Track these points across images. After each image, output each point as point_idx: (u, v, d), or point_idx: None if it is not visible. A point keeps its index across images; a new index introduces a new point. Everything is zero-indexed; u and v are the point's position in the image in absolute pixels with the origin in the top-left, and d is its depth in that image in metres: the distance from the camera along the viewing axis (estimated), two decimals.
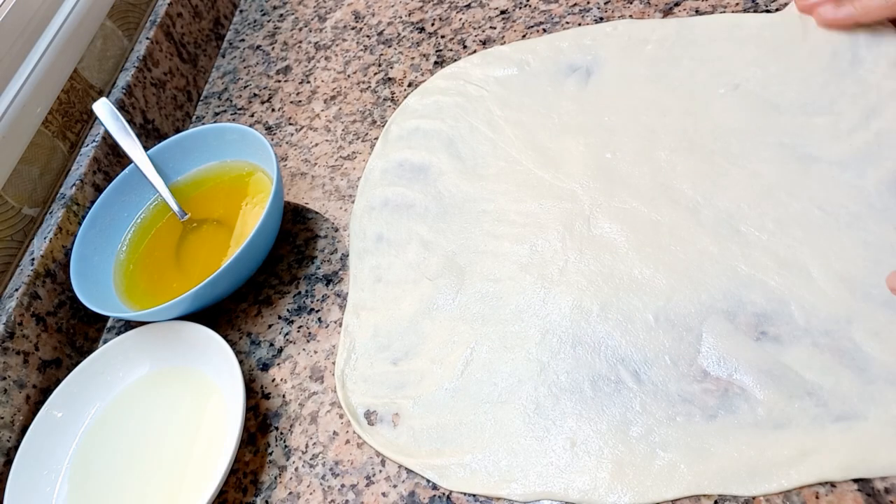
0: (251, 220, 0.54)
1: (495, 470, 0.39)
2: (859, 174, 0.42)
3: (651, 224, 0.45)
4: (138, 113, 0.65)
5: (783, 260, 0.40)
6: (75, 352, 0.53)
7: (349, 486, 0.41)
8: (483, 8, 0.65)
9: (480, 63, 0.60)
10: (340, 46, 0.70)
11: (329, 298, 0.51)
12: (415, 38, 0.66)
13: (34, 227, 0.56)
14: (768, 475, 0.34)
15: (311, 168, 0.60)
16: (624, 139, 0.50)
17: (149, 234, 0.57)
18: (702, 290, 0.41)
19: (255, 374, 0.48)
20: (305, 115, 0.65)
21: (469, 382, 0.42)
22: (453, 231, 0.50)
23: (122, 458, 0.46)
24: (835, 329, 0.37)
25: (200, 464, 0.43)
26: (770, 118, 0.47)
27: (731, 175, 0.45)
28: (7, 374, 0.48)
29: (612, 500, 0.36)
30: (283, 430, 0.45)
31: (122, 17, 0.69)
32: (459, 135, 0.55)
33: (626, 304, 0.42)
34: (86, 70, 0.63)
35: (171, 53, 0.71)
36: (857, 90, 0.45)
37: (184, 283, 0.50)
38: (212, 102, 0.72)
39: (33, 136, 0.57)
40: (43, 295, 0.51)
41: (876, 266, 0.38)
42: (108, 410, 0.48)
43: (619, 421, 0.38)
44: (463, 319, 0.45)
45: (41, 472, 0.46)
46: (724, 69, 0.50)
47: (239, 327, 0.52)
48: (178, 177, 0.59)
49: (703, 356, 0.39)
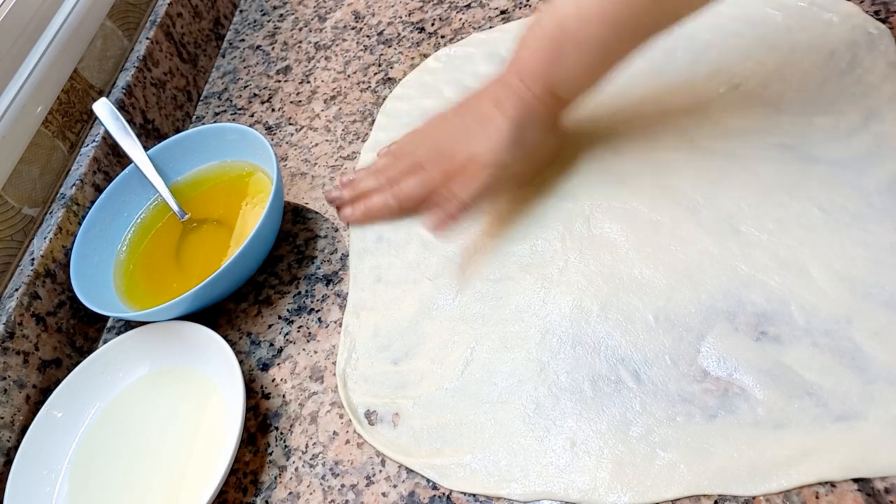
0: (251, 220, 0.54)
1: (495, 470, 0.39)
2: (859, 174, 0.42)
3: (651, 224, 0.45)
4: (138, 113, 0.65)
5: (783, 260, 0.40)
6: (75, 352, 0.53)
7: (349, 486, 0.41)
8: (483, 8, 0.65)
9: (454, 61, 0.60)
10: (340, 46, 0.70)
11: (329, 298, 0.51)
12: (415, 38, 0.66)
13: (34, 227, 0.56)
14: (768, 475, 0.34)
15: (311, 168, 0.60)
16: (624, 138, 0.50)
17: (149, 234, 0.57)
18: (702, 290, 0.41)
19: (255, 374, 0.48)
20: (305, 115, 0.65)
21: (469, 382, 0.42)
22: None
23: (122, 458, 0.46)
24: (835, 329, 0.37)
25: (200, 464, 0.43)
26: (770, 118, 0.47)
27: (731, 175, 0.45)
28: (7, 374, 0.48)
29: (612, 500, 0.36)
30: (283, 430, 0.45)
31: (122, 17, 0.69)
32: None
33: (626, 304, 0.42)
34: (86, 70, 0.63)
35: (171, 53, 0.71)
36: (856, 90, 0.45)
37: (184, 283, 0.50)
38: (212, 102, 0.72)
39: (33, 136, 0.57)
40: (43, 295, 0.51)
41: (876, 266, 0.38)
42: (108, 410, 0.48)
43: (619, 421, 0.38)
44: (463, 319, 0.45)
45: (41, 472, 0.46)
46: (723, 68, 0.50)
47: (239, 327, 0.52)
48: (178, 177, 0.59)
49: (703, 356, 0.39)
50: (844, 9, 0.50)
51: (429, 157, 0.48)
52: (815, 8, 0.51)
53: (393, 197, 0.49)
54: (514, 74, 0.44)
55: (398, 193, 0.49)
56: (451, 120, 0.49)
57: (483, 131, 0.45)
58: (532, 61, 0.43)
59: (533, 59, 0.43)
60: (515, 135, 0.44)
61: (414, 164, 0.49)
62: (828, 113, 0.45)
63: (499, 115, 0.44)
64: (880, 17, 0.49)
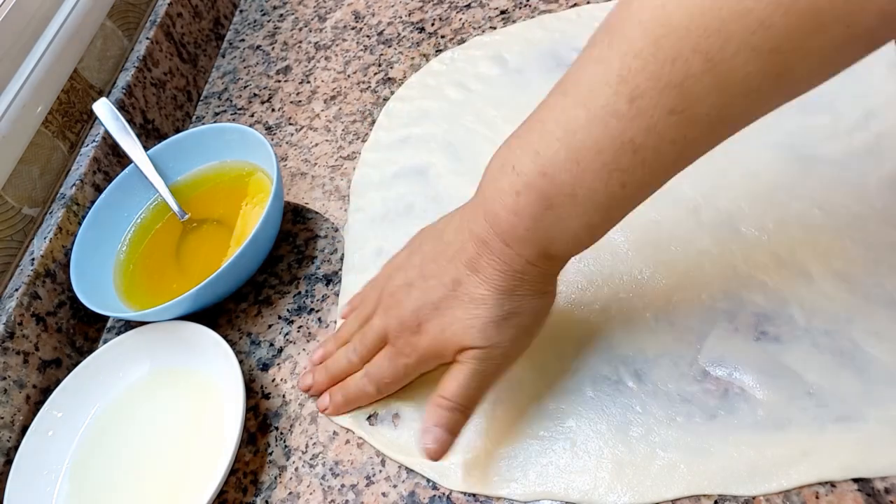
0: (251, 220, 0.54)
1: (495, 470, 0.39)
2: (859, 174, 0.42)
3: (651, 224, 0.45)
4: (138, 113, 0.65)
5: (783, 260, 0.40)
6: (75, 352, 0.53)
7: (349, 486, 0.41)
8: (483, 8, 0.65)
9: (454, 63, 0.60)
10: (340, 46, 0.70)
11: (329, 298, 0.51)
12: (415, 38, 0.66)
13: (34, 227, 0.56)
14: (768, 475, 0.34)
15: (311, 168, 0.60)
16: None
17: (149, 234, 0.57)
18: (702, 290, 0.41)
19: (255, 374, 0.48)
20: (305, 115, 0.65)
21: None
22: None
23: (122, 458, 0.46)
24: (835, 329, 0.37)
25: (200, 464, 0.43)
26: (770, 118, 0.47)
27: (732, 175, 0.45)
28: (7, 374, 0.47)
29: (612, 500, 0.36)
30: (283, 430, 0.45)
31: (122, 17, 0.69)
32: (457, 137, 0.55)
33: (627, 304, 0.42)
34: (86, 70, 0.63)
35: (171, 53, 0.71)
36: (856, 90, 0.45)
37: (184, 283, 0.50)
38: (212, 102, 0.72)
39: (33, 136, 0.57)
40: (43, 295, 0.51)
41: (876, 266, 0.38)
42: (108, 410, 0.48)
43: (619, 421, 0.38)
44: None
45: (41, 472, 0.46)
46: None
47: (239, 327, 0.52)
48: (178, 177, 0.59)
49: (703, 356, 0.39)
50: None
51: (394, 329, 0.39)
52: None
53: (370, 382, 0.41)
54: (496, 238, 0.33)
55: (374, 377, 0.41)
56: (412, 278, 0.38)
57: (458, 304, 0.35)
58: (518, 226, 0.32)
59: (518, 222, 0.32)
60: (502, 309, 0.35)
61: (381, 335, 0.40)
62: (828, 112, 0.45)
63: (478, 282, 0.35)
64: None
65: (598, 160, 0.29)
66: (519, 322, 0.35)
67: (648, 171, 0.30)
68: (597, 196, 0.30)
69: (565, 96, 0.30)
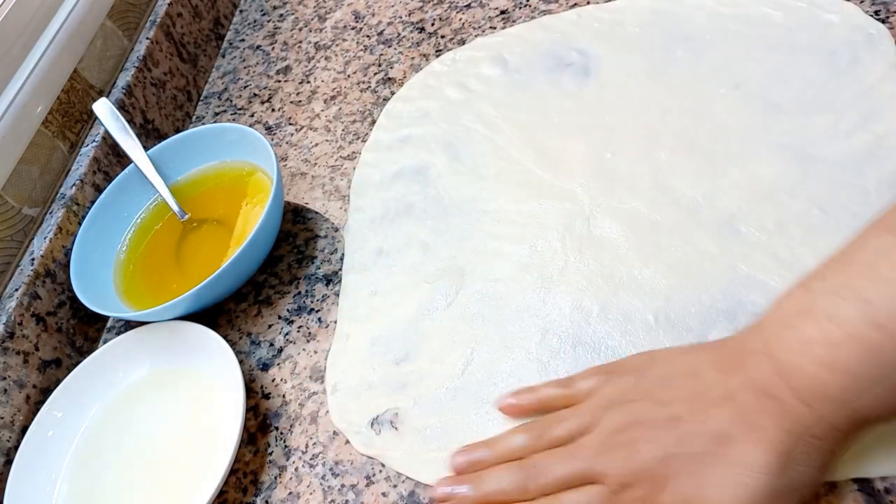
0: (251, 220, 0.54)
1: None
2: (859, 174, 0.42)
3: (651, 224, 0.45)
4: (138, 113, 0.65)
5: (783, 260, 0.40)
6: (75, 352, 0.53)
7: (349, 486, 0.41)
8: (483, 8, 0.65)
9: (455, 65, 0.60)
10: (340, 46, 0.70)
11: (329, 298, 0.51)
12: (415, 38, 0.66)
13: (34, 227, 0.56)
14: None
15: (311, 168, 0.60)
16: (624, 139, 0.50)
17: (149, 234, 0.57)
18: (702, 290, 0.41)
19: (255, 374, 0.48)
20: (305, 115, 0.65)
21: (469, 382, 0.42)
22: (452, 232, 0.50)
23: (122, 458, 0.46)
24: None
25: (200, 464, 0.43)
26: (770, 118, 0.47)
27: (732, 175, 0.45)
28: (7, 374, 0.48)
29: None
30: (283, 430, 0.45)
31: (122, 17, 0.69)
32: (457, 137, 0.55)
33: (626, 304, 0.42)
34: (86, 70, 0.63)
35: (171, 53, 0.71)
36: (856, 90, 0.45)
37: (184, 283, 0.50)
38: (212, 102, 0.72)
39: (33, 136, 0.57)
40: (43, 295, 0.51)
41: None
42: (108, 410, 0.48)
43: None
44: (463, 320, 0.45)
45: (41, 472, 0.46)
46: (723, 68, 0.50)
47: (239, 327, 0.52)
48: (178, 177, 0.59)
49: None
50: (844, 9, 0.50)
51: (623, 475, 0.31)
52: (815, 8, 0.51)
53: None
54: (789, 393, 0.28)
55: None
56: (655, 419, 0.32)
57: (720, 464, 0.29)
58: (829, 383, 0.28)
59: (831, 379, 0.27)
60: (779, 481, 0.28)
61: (587, 474, 0.32)
62: (828, 113, 0.45)
63: (754, 442, 0.29)
64: (880, 18, 0.49)
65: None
66: (790, 500, 0.29)
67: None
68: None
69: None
